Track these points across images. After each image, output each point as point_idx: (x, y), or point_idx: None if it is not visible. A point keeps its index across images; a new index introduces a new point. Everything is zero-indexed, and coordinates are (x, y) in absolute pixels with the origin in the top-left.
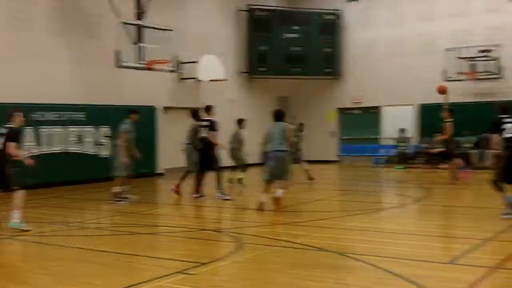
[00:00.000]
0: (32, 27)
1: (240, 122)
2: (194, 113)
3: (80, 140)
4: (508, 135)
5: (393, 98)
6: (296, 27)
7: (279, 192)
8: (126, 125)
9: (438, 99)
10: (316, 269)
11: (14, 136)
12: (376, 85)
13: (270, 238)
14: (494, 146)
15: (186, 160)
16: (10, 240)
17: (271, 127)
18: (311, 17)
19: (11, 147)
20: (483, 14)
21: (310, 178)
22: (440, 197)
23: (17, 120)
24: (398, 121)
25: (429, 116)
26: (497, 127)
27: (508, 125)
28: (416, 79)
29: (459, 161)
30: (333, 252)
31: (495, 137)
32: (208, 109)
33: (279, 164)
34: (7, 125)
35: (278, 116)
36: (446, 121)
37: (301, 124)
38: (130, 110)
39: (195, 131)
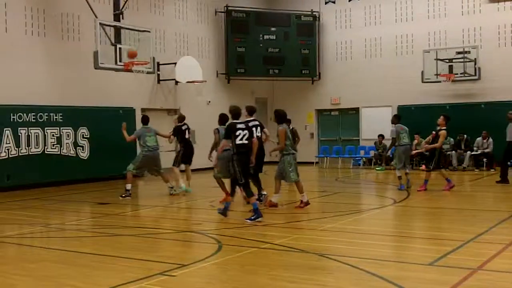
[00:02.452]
0: (9, 28)
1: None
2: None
3: (58, 141)
4: (240, 142)
5: (372, 100)
6: (273, 29)
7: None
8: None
9: (416, 100)
10: (295, 270)
11: None
12: (355, 86)
13: (250, 240)
14: (220, 150)
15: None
16: None
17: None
18: (288, 18)
19: None
20: (460, 15)
21: None
22: (420, 199)
23: None
24: (377, 123)
25: (408, 117)
26: (230, 133)
27: (241, 131)
28: (394, 81)
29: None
30: (313, 253)
31: (224, 142)
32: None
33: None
34: None
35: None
36: (441, 129)
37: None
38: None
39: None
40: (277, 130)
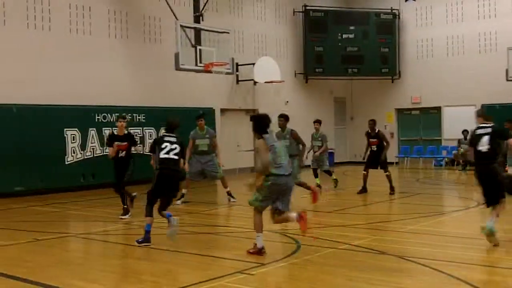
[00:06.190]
0: (93, 31)
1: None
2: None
3: (141, 141)
4: (164, 156)
5: (454, 98)
6: (352, 27)
7: None
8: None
9: (501, 99)
10: (374, 272)
11: None
12: (436, 85)
13: (329, 240)
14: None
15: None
16: (76, 238)
17: None
18: (367, 16)
19: None
20: None
21: None
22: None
23: None
24: (460, 122)
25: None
26: (156, 145)
27: (168, 144)
28: (477, 79)
29: None
30: (393, 255)
31: (154, 156)
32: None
33: None
34: None
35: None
36: None
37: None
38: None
39: None
40: None
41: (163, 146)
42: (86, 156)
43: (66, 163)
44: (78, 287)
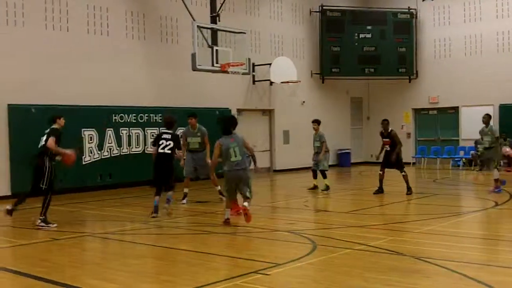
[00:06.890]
0: (110, 32)
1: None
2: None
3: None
4: (161, 151)
5: (472, 98)
6: (369, 27)
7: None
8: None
9: None
10: (390, 273)
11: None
12: (454, 84)
13: (344, 241)
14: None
15: None
16: (94, 238)
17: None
18: (384, 16)
19: None
20: None
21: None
22: None
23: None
24: (478, 122)
25: (510, 117)
26: (156, 140)
27: (163, 141)
28: (495, 79)
29: None
30: (409, 256)
31: (154, 149)
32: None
33: None
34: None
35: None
36: None
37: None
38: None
39: None
40: None
41: (160, 142)
42: (103, 156)
43: (84, 163)
44: (96, 287)
